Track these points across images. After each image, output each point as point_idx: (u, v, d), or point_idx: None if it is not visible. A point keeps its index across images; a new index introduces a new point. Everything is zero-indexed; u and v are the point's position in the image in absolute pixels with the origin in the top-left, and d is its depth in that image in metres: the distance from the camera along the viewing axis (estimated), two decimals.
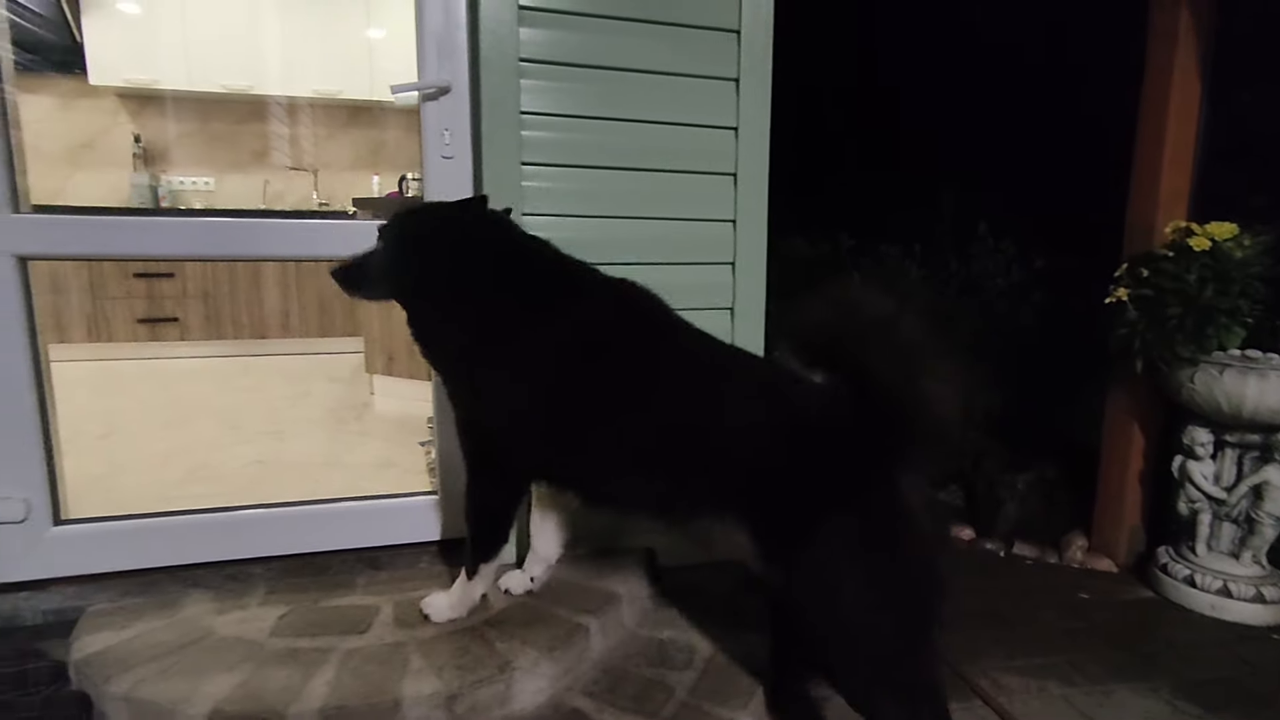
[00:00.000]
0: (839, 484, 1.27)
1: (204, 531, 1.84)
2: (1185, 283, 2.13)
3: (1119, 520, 2.53)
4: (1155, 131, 2.35)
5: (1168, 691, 1.82)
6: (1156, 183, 2.34)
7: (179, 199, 5.16)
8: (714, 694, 1.56)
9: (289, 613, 1.66)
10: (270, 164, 5.35)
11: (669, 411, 1.42)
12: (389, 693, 1.39)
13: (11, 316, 1.65)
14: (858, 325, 1.25)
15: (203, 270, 4.68)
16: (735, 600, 1.91)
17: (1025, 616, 2.18)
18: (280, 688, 1.39)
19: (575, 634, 1.61)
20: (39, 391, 1.71)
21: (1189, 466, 2.27)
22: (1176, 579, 2.26)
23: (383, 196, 5.03)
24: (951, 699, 1.74)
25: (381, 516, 1.97)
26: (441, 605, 1.64)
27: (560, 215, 1.87)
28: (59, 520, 1.76)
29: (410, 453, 2.86)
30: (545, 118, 1.83)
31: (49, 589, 1.71)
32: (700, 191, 1.98)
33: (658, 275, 1.77)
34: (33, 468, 1.70)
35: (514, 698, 1.48)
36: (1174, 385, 2.22)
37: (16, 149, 1.66)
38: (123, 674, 1.43)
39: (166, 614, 1.65)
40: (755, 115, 1.97)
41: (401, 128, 5.55)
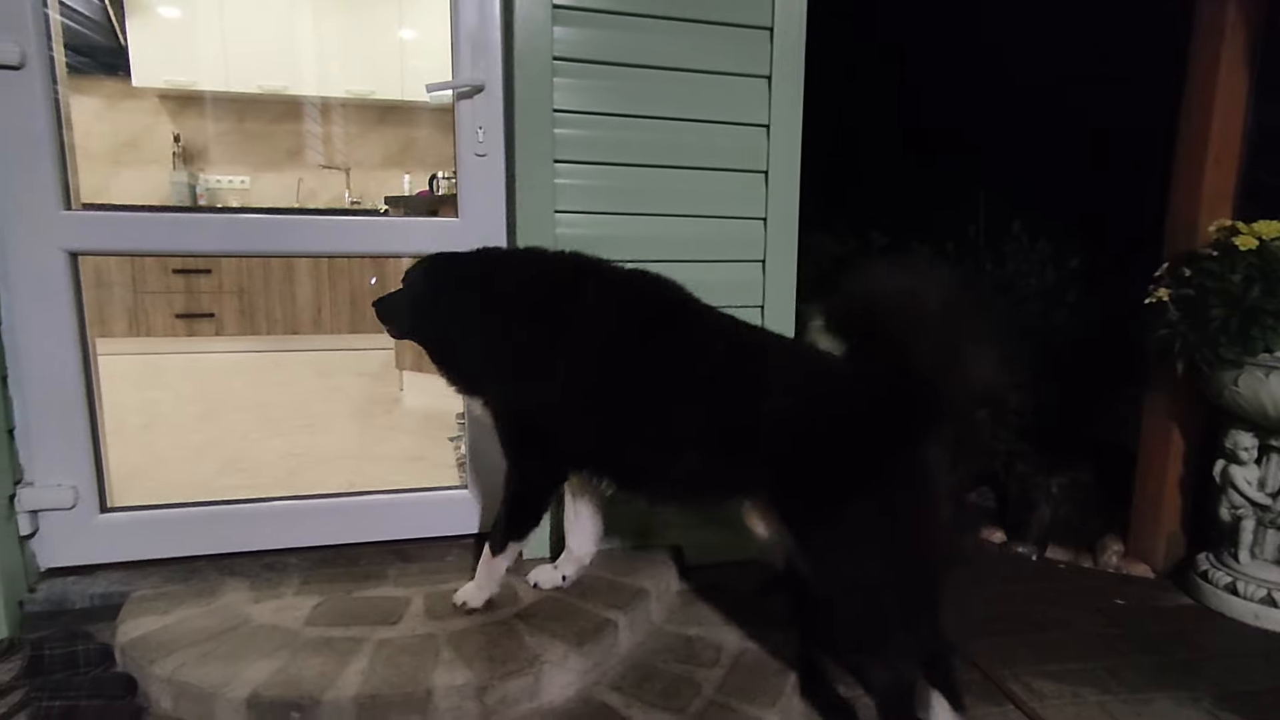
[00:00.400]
0: (868, 462, 1.30)
1: (241, 522, 1.89)
2: (1230, 283, 2.07)
3: (1157, 525, 2.47)
4: (1199, 128, 2.29)
5: (1210, 701, 1.78)
6: (1200, 180, 2.28)
7: (216, 197, 5.28)
8: (741, 691, 1.55)
9: (323, 602, 1.69)
10: (304, 162, 5.45)
11: (704, 391, 1.44)
12: (421, 682, 1.41)
13: (63, 309, 1.71)
14: (899, 297, 1.26)
15: (238, 267, 4.79)
16: (762, 599, 1.90)
17: (1059, 621, 2.14)
18: (316, 675, 1.42)
19: (604, 629, 1.62)
20: (87, 382, 1.76)
21: (1231, 471, 2.21)
22: (1218, 587, 2.21)
23: (414, 195, 5.09)
24: (982, 703, 1.74)
25: (412, 510, 2.00)
26: (472, 589, 1.67)
27: (592, 213, 1.88)
28: (105, 508, 1.81)
29: (439, 447, 2.90)
30: (578, 115, 1.84)
31: (95, 574, 1.77)
32: (731, 189, 1.97)
33: (688, 273, 1.77)
34: (81, 456, 1.76)
35: (543, 690, 1.49)
36: (1216, 388, 2.16)
37: (68, 149, 1.71)
38: (166, 657, 1.47)
39: (206, 601, 1.69)
40: (787, 112, 1.96)
41: (431, 126, 5.62)
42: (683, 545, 2.04)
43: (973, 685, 1.81)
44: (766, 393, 1.38)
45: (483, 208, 1.91)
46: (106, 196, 4.99)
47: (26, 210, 1.66)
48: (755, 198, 1.99)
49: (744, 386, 1.41)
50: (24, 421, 1.71)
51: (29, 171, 1.65)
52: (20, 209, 1.65)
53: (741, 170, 1.97)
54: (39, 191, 1.66)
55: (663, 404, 1.47)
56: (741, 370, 1.44)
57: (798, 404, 1.36)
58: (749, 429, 1.39)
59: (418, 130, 5.63)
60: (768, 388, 1.39)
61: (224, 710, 1.38)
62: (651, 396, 1.48)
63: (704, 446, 1.43)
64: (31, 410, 1.71)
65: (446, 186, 4.79)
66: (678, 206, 1.94)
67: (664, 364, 1.49)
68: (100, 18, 4.73)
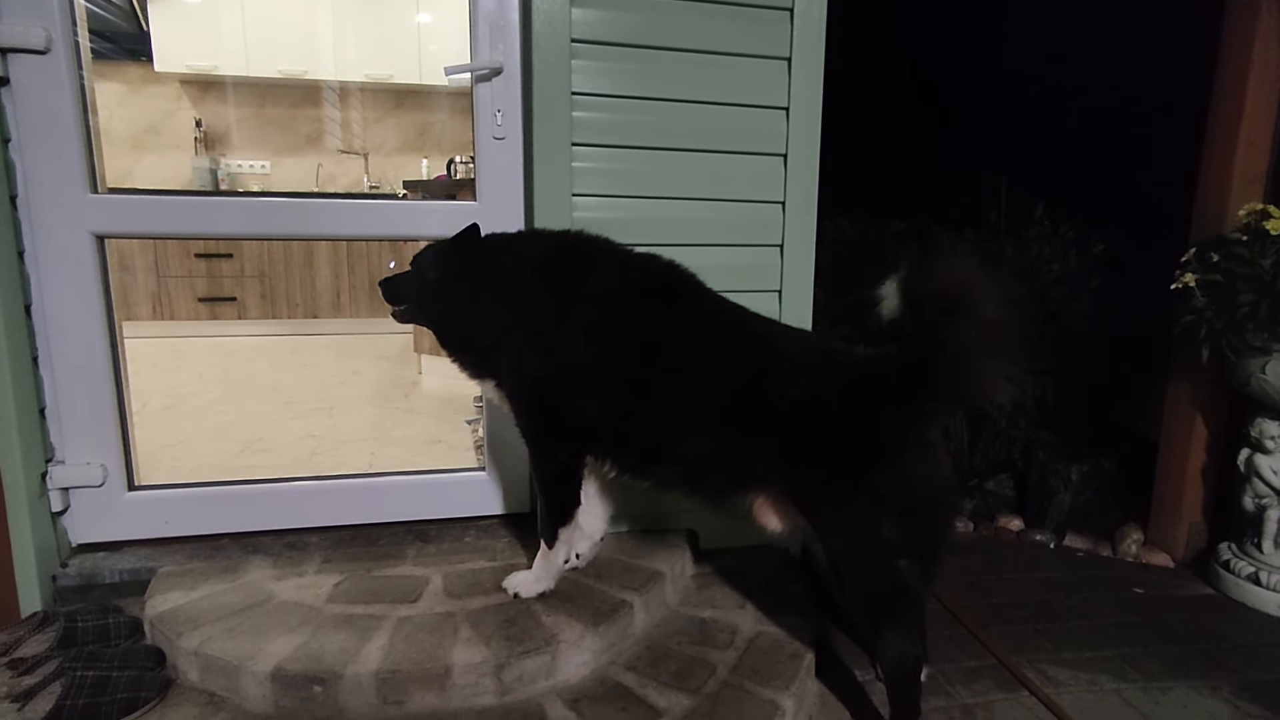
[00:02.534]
0: (881, 446, 1.33)
1: (264, 501, 1.92)
2: (1259, 268, 2.03)
3: (1178, 514, 2.45)
4: (1232, 109, 2.23)
5: (1230, 691, 1.76)
6: (1231, 162, 2.23)
7: (237, 182, 5.33)
8: (755, 674, 1.57)
9: (344, 580, 1.73)
10: (323, 147, 5.48)
11: (713, 372, 1.45)
12: (440, 659, 1.44)
13: (90, 291, 1.74)
14: (976, 282, 1.25)
15: (259, 252, 4.84)
16: (777, 583, 1.91)
17: (1076, 610, 2.13)
18: (337, 650, 1.45)
19: (619, 610, 1.64)
20: (114, 364, 1.80)
21: (1256, 460, 2.18)
22: (1240, 576, 2.18)
23: (432, 179, 5.10)
24: (997, 689, 1.75)
25: (431, 491, 2.03)
26: (528, 580, 1.68)
27: (610, 196, 1.88)
28: (132, 486, 1.85)
29: (457, 430, 2.92)
30: (596, 98, 1.83)
31: (124, 550, 1.81)
32: (750, 173, 1.96)
33: (707, 257, 1.77)
34: (109, 436, 1.80)
35: (559, 669, 1.52)
36: (1243, 375, 2.13)
37: (94, 133, 1.73)
38: (193, 631, 1.50)
39: (230, 578, 1.73)
40: (807, 95, 1.94)
41: (448, 111, 5.62)
42: (697, 529, 2.05)
43: (987, 672, 1.81)
44: (774, 373, 1.39)
45: (501, 191, 1.91)
46: (130, 182, 5.06)
47: (54, 194, 1.68)
48: (774, 181, 1.97)
49: (753, 367, 1.42)
50: (54, 401, 1.75)
51: (56, 155, 1.67)
52: (48, 192, 1.68)
53: (760, 154, 1.96)
54: (66, 175, 1.68)
55: (671, 385, 1.48)
56: (750, 351, 1.45)
57: (808, 384, 1.37)
58: (759, 409, 1.39)
59: (435, 115, 5.64)
60: (775, 368, 1.40)
61: (249, 683, 1.41)
62: (659, 377, 1.49)
63: (713, 428, 1.44)
64: (61, 390, 1.75)
65: (464, 171, 4.79)
66: (696, 190, 1.93)
67: (671, 345, 1.50)
68: (123, 3, 4.78)
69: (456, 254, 1.61)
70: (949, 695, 1.71)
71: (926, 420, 1.35)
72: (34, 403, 1.71)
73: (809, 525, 1.41)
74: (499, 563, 1.82)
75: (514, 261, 1.60)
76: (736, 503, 1.49)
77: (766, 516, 1.47)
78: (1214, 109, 2.29)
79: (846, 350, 1.45)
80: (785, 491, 1.42)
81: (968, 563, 2.41)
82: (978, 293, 1.24)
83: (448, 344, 1.67)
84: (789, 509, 1.43)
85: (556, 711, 1.43)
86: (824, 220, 2.05)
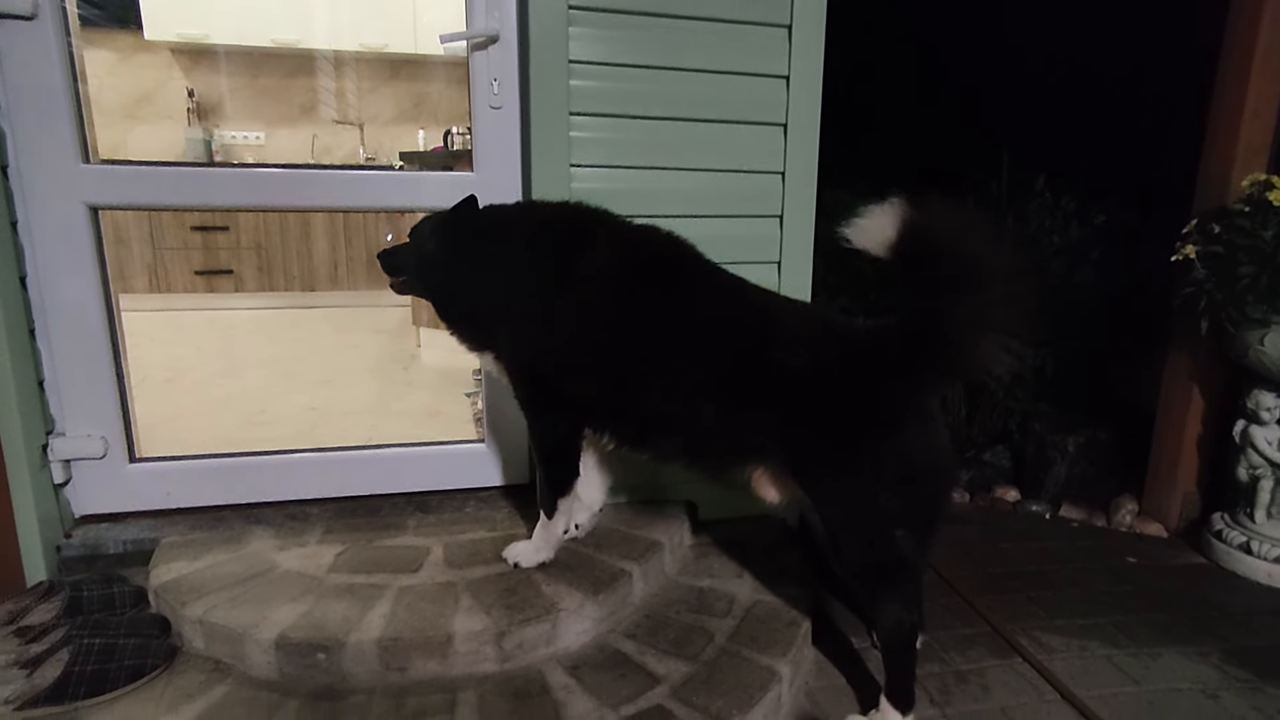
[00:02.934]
0: (881, 417, 1.33)
1: (265, 473, 1.93)
2: (1261, 239, 2.02)
3: (1172, 485, 2.47)
4: (1237, 78, 2.21)
5: (1218, 656, 1.79)
6: (1235, 133, 2.21)
7: (231, 153, 5.27)
8: (753, 641, 1.59)
9: (345, 551, 1.74)
10: (317, 118, 5.40)
11: (711, 343, 1.45)
12: (441, 627, 1.46)
13: (86, 263, 1.73)
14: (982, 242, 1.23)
15: (255, 224, 4.80)
16: (774, 554, 1.93)
17: (1069, 578, 2.16)
18: (340, 618, 1.47)
19: (619, 579, 1.66)
20: (112, 336, 1.79)
21: (1252, 431, 2.19)
22: (1231, 546, 2.21)
23: (429, 150, 5.04)
24: (990, 656, 1.77)
25: (431, 462, 2.04)
26: (528, 550, 1.70)
27: (608, 166, 1.86)
28: (134, 458, 1.86)
29: (456, 403, 2.93)
30: (594, 67, 1.81)
31: (126, 521, 1.83)
32: (749, 142, 1.94)
33: (706, 228, 1.76)
34: (109, 408, 1.80)
35: (559, 637, 1.54)
36: (1241, 347, 2.13)
37: (85, 102, 1.71)
38: (197, 600, 1.52)
39: (233, 548, 1.74)
40: (808, 64, 1.91)
41: (444, 81, 5.54)
42: (695, 500, 2.06)
43: (981, 639, 1.84)
44: (774, 344, 1.39)
45: (498, 161, 1.89)
46: (123, 153, 4.99)
47: (46, 164, 1.67)
48: (774, 151, 1.95)
49: (752, 339, 1.42)
50: (52, 374, 1.75)
51: (46, 125, 1.65)
52: (39, 162, 1.66)
53: (760, 123, 1.93)
54: (57, 145, 1.66)
55: (670, 356, 1.48)
56: (749, 323, 1.45)
57: (807, 355, 1.36)
58: (758, 381, 1.39)
59: (431, 85, 5.55)
60: (774, 339, 1.40)
61: (253, 650, 1.43)
62: (658, 348, 1.49)
63: (712, 400, 1.44)
64: (59, 363, 1.75)
65: (461, 142, 4.74)
66: (695, 160, 1.91)
67: (671, 316, 1.49)
68: None
69: (455, 225, 1.60)
70: (944, 661, 1.74)
71: (926, 391, 1.36)
72: (32, 375, 1.71)
73: (807, 496, 1.42)
74: (499, 533, 1.84)
75: (512, 233, 1.59)
76: (735, 474, 1.50)
77: (765, 488, 1.48)
78: (1219, 79, 2.27)
79: (846, 321, 1.45)
80: (784, 463, 1.43)
81: (964, 533, 2.44)
82: (986, 262, 1.22)
83: (446, 316, 1.67)
84: (787, 480, 1.44)
85: (557, 678, 1.46)
86: (823, 191, 2.03)
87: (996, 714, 1.57)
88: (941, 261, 1.24)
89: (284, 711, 1.35)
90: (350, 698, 1.39)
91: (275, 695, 1.39)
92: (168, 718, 1.32)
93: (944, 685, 1.66)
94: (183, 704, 1.36)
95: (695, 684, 1.44)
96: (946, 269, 1.23)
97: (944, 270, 1.23)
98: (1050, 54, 3.09)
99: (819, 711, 1.55)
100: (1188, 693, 1.66)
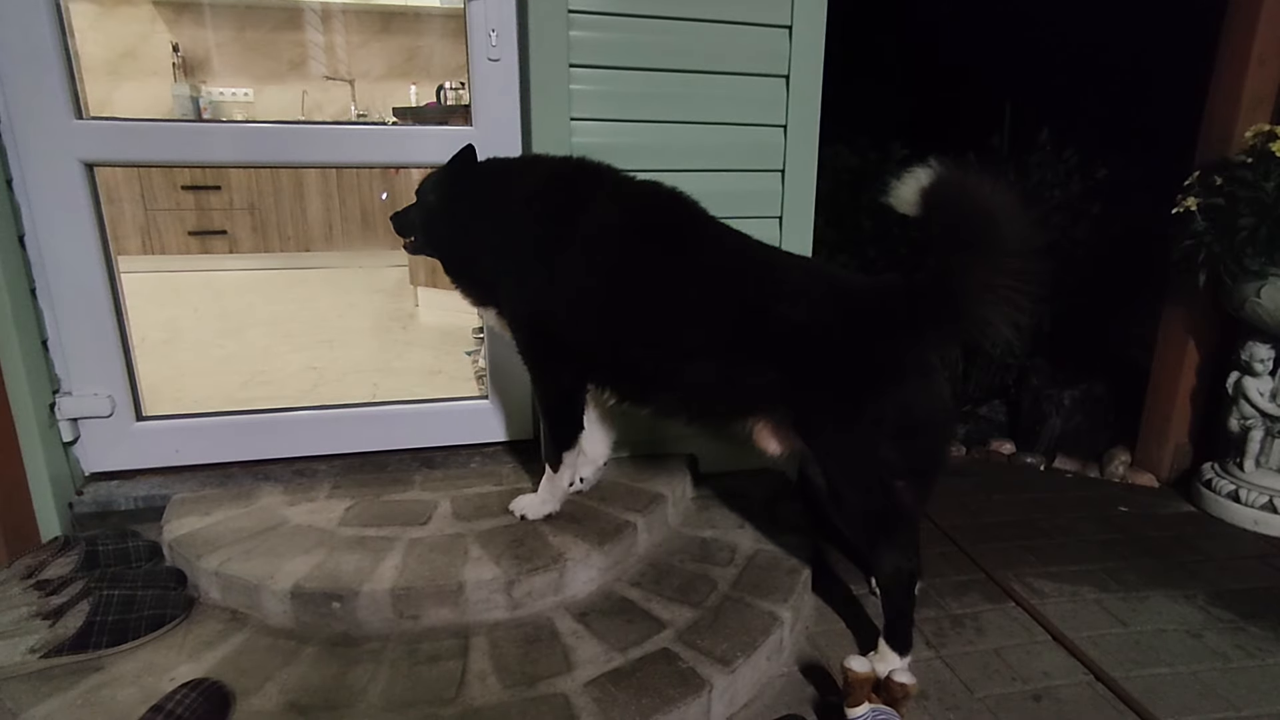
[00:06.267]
0: (882, 370, 1.34)
1: (272, 429, 1.95)
2: (1263, 190, 2.02)
3: (1164, 436, 2.51)
4: (1246, 24, 2.17)
5: (1203, 599, 1.86)
6: (1241, 81, 2.18)
7: (220, 110, 5.16)
8: (755, 588, 1.64)
9: (354, 505, 1.77)
10: (307, 74, 5.28)
11: (714, 298, 1.46)
12: (452, 577, 1.50)
13: (84, 221, 1.71)
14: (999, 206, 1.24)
15: (248, 183, 4.73)
16: (774, 505, 1.97)
17: (1063, 528, 2.21)
18: (353, 569, 1.51)
19: (623, 530, 1.70)
20: (114, 294, 1.79)
21: (1245, 383, 2.22)
22: (1220, 494, 2.26)
23: (422, 106, 4.95)
24: (984, 601, 1.83)
25: (435, 419, 2.06)
26: (534, 502, 1.73)
27: (609, 120, 1.84)
28: (141, 416, 1.88)
29: (457, 361, 2.94)
30: (594, 16, 1.77)
31: (136, 479, 1.85)
32: (752, 95, 1.91)
33: (707, 183, 1.74)
34: (115, 367, 1.81)
35: (567, 585, 1.58)
36: (1238, 300, 2.15)
37: (75, 56, 1.68)
38: (211, 553, 1.56)
39: (243, 503, 1.77)
40: (811, 12, 1.88)
41: (436, 34, 5.40)
42: (697, 454, 2.09)
43: (976, 585, 1.89)
44: (778, 299, 1.39)
45: (496, 115, 1.87)
46: (109, 110, 4.88)
47: (39, 120, 1.64)
48: (776, 104, 1.93)
49: (755, 294, 1.42)
50: (56, 333, 1.75)
51: (38, 80, 1.62)
52: (33, 119, 1.64)
53: (762, 75, 1.91)
54: (50, 101, 1.64)
55: (672, 312, 1.49)
56: (752, 278, 1.45)
57: (809, 309, 1.37)
58: (761, 335, 1.40)
59: (422, 38, 5.41)
60: (778, 294, 1.40)
61: (269, 600, 1.47)
62: (661, 304, 1.49)
63: (715, 355, 1.45)
64: (62, 322, 1.75)
65: (454, 97, 4.64)
66: (697, 114, 1.89)
67: (673, 272, 1.49)
68: None
69: (456, 177, 1.59)
70: (940, 607, 1.80)
71: (927, 347, 1.37)
72: (35, 334, 1.71)
73: (809, 448, 1.44)
74: (505, 487, 1.87)
75: (515, 187, 1.58)
76: (737, 428, 1.52)
77: (766, 440, 1.50)
78: (1225, 25, 2.23)
79: (849, 276, 1.46)
80: (785, 416, 1.45)
81: (960, 485, 2.48)
82: (1003, 234, 1.22)
83: (451, 270, 1.67)
84: (789, 433, 1.46)
85: (565, 624, 1.50)
86: (824, 146, 2.01)
87: (990, 655, 1.63)
88: (961, 226, 1.25)
89: (301, 657, 1.39)
90: (366, 644, 1.43)
91: (292, 643, 1.43)
92: (189, 664, 1.36)
93: (940, 629, 1.71)
94: (204, 651, 1.40)
95: (700, 628, 1.49)
96: (965, 234, 1.24)
97: (962, 235, 1.25)
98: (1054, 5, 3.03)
99: (819, 654, 1.60)
100: (1173, 633, 1.72)
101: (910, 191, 1.29)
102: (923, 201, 1.28)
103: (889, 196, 1.32)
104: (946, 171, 1.27)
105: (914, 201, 1.29)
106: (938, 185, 1.27)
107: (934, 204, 1.27)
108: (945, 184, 1.27)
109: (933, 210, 1.28)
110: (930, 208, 1.28)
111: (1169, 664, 1.61)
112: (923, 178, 1.28)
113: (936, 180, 1.27)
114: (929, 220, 1.28)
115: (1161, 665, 1.61)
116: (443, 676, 1.35)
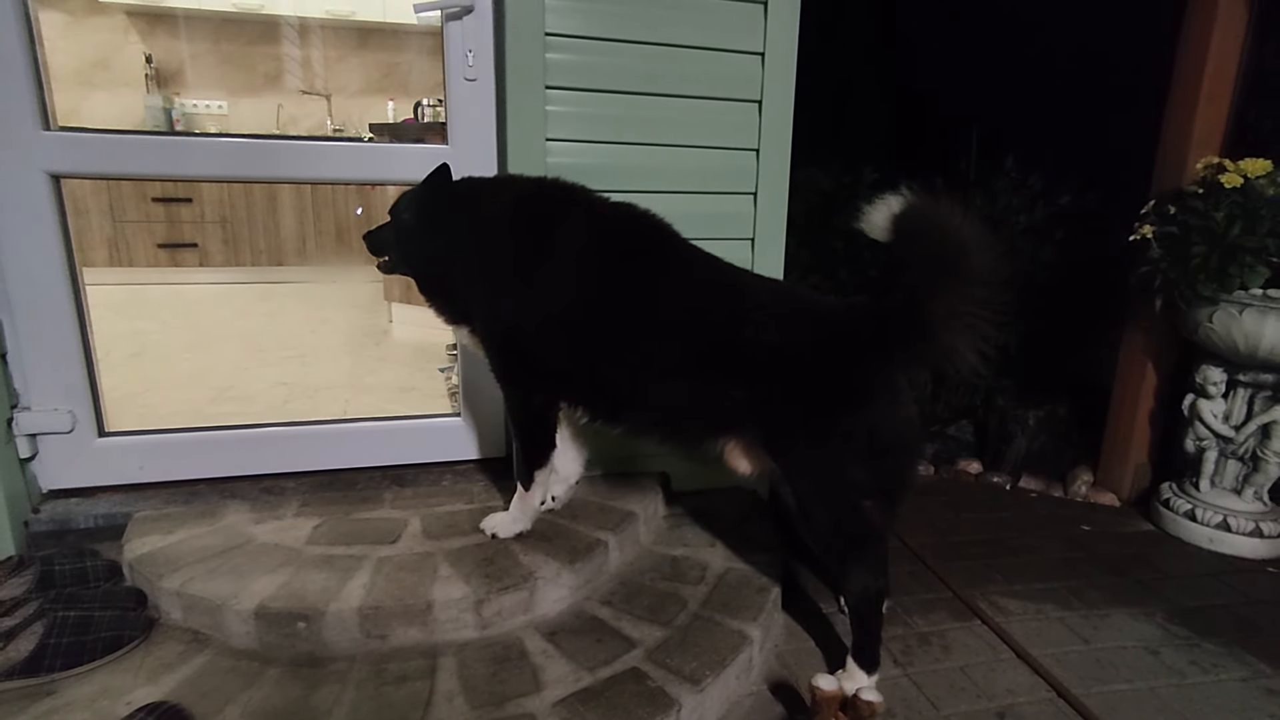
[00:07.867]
0: (852, 391, 1.37)
1: (239, 446, 1.93)
2: (1213, 220, 2.10)
3: (1125, 456, 2.58)
4: (1194, 63, 2.27)
5: (1162, 616, 1.90)
6: (1191, 117, 2.28)
7: (193, 122, 5.11)
8: (725, 606, 1.64)
9: (322, 523, 1.75)
10: (282, 88, 5.25)
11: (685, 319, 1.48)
12: (421, 596, 1.48)
13: (49, 234, 1.69)
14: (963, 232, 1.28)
15: (220, 197, 4.68)
16: (745, 524, 1.99)
17: (1027, 546, 2.25)
18: (320, 589, 1.49)
19: (594, 549, 1.69)
20: (78, 308, 1.76)
21: (1199, 405, 2.29)
22: (1177, 513, 2.32)
23: (399, 122, 4.95)
24: (951, 619, 1.85)
25: (406, 436, 2.05)
26: (505, 521, 1.72)
27: (584, 141, 1.86)
28: (103, 432, 1.84)
29: (430, 378, 2.93)
30: (570, 40, 1.80)
31: (97, 496, 1.81)
32: (725, 119, 1.95)
33: (681, 204, 1.77)
34: (77, 382, 1.77)
35: (537, 604, 1.57)
36: (1192, 324, 2.22)
37: (43, 66, 1.66)
38: (173, 573, 1.52)
39: (208, 522, 1.74)
40: (783, 40, 1.93)
41: (414, 51, 5.41)
42: (669, 472, 2.10)
43: (943, 603, 1.92)
44: (748, 320, 1.41)
45: (472, 134, 1.88)
46: (78, 120, 4.81)
47: (4, 131, 1.62)
48: (748, 128, 1.97)
49: (726, 315, 1.44)
50: (15, 346, 1.71)
51: (4, 89, 1.60)
52: None
53: (736, 99, 1.95)
54: (15, 110, 1.62)
55: (644, 332, 1.50)
56: (723, 299, 1.47)
57: (779, 330, 1.40)
58: (732, 357, 1.42)
59: (401, 55, 5.43)
60: (749, 315, 1.42)
61: (233, 620, 1.44)
62: (633, 324, 1.51)
63: (687, 375, 1.47)
64: (23, 335, 1.71)
65: (431, 114, 4.66)
66: (671, 136, 1.92)
67: (646, 292, 1.51)
68: None
69: (430, 196, 1.60)
70: (907, 625, 1.82)
71: (895, 368, 1.39)
72: None
73: (779, 467, 1.46)
74: (476, 505, 1.86)
75: (489, 207, 1.59)
76: (709, 447, 1.53)
77: (738, 460, 1.52)
78: (1178, 63, 2.33)
79: (819, 298, 1.49)
80: (756, 435, 1.47)
81: (928, 503, 2.52)
82: (972, 265, 1.26)
83: (425, 289, 1.67)
84: (759, 452, 1.48)
85: (535, 643, 1.49)
86: (796, 170, 2.06)
87: (956, 673, 1.65)
88: (930, 254, 1.29)
89: (265, 679, 1.37)
90: (331, 665, 1.41)
91: (256, 664, 1.40)
92: (147, 688, 1.33)
93: (907, 647, 1.73)
94: (162, 674, 1.37)
95: (669, 647, 1.49)
96: (934, 262, 1.28)
97: (931, 263, 1.28)
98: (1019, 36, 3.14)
99: (788, 672, 1.61)
100: (1132, 650, 1.76)
101: (881, 218, 1.33)
102: (893, 228, 1.32)
103: (861, 222, 1.36)
104: (917, 200, 1.31)
105: (885, 228, 1.33)
106: (908, 213, 1.31)
107: (904, 231, 1.31)
108: (916, 212, 1.31)
109: (903, 237, 1.32)
110: (900, 235, 1.32)
111: (1128, 680, 1.64)
112: (894, 205, 1.32)
113: (907, 208, 1.31)
114: (899, 246, 1.32)
115: (1121, 682, 1.64)
116: (409, 697, 1.33)
